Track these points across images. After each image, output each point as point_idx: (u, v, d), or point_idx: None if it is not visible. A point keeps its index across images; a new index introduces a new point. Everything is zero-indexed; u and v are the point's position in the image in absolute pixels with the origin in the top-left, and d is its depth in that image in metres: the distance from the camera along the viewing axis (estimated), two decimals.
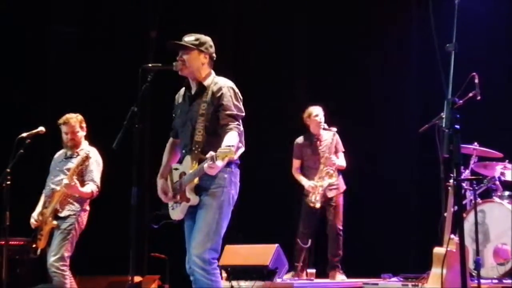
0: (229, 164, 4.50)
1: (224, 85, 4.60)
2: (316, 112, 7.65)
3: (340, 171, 7.69)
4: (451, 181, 5.73)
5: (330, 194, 7.56)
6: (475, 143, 6.83)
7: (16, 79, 8.72)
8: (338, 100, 8.46)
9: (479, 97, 6.22)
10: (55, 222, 6.20)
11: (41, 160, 6.69)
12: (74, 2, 9.21)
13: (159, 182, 4.77)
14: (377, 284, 6.82)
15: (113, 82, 8.61)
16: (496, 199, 6.82)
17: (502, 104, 7.80)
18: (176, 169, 4.72)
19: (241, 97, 4.63)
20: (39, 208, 6.38)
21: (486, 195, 6.96)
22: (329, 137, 7.66)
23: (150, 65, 4.67)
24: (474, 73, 6.12)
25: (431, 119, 6.33)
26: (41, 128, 6.48)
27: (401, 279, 6.85)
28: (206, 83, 4.63)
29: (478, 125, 6.86)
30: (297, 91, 9.25)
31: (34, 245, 6.30)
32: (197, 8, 9.13)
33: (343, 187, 7.69)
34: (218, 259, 6.85)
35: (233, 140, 4.37)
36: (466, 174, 6.74)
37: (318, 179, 7.53)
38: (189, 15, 9.02)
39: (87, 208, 6.38)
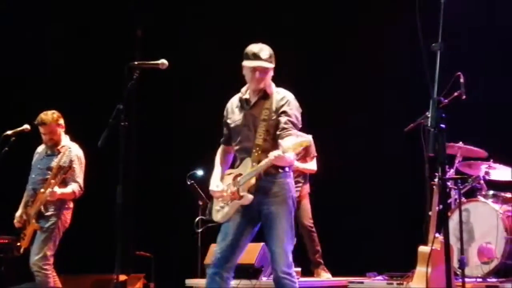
0: (286, 168, 4.61)
1: (287, 95, 4.73)
2: None
3: (311, 175, 7.65)
4: (436, 180, 5.76)
5: None
6: (460, 142, 6.86)
7: None
8: (323, 100, 8.48)
9: (464, 97, 6.24)
10: (37, 224, 6.17)
11: (26, 158, 6.65)
12: (61, 0, 9.17)
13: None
14: (362, 282, 6.84)
15: (99, 80, 8.58)
16: (481, 198, 6.85)
17: (488, 103, 7.85)
18: (230, 173, 4.76)
19: (301, 110, 4.74)
20: (21, 207, 6.35)
21: (471, 194, 6.99)
22: None
23: (136, 63, 4.68)
24: (459, 73, 6.14)
25: (416, 118, 6.35)
26: (26, 126, 6.44)
27: (386, 277, 6.87)
28: (269, 91, 4.73)
29: (463, 125, 6.89)
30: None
31: (18, 244, 6.27)
32: (184, 6, 9.12)
33: (307, 190, 7.60)
34: (203, 258, 6.93)
35: (294, 138, 4.43)
36: (451, 173, 6.76)
37: None
38: (175, 13, 9.01)
39: (71, 205, 6.35)
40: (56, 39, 9.07)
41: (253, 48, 4.73)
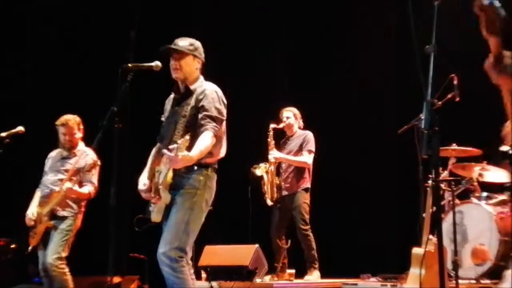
0: (206, 167, 4.54)
1: (208, 88, 4.65)
2: (284, 114, 7.65)
3: (302, 169, 7.60)
4: (430, 182, 5.77)
5: (283, 192, 7.54)
6: (454, 144, 6.87)
7: None
8: (317, 101, 8.47)
9: (458, 99, 6.25)
10: (51, 222, 6.20)
11: (20, 161, 6.64)
12: (53, 1, 9.15)
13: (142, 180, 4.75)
14: (356, 284, 6.85)
15: (92, 81, 8.56)
16: (474, 200, 6.86)
17: (480, 105, 7.85)
18: (158, 171, 4.71)
19: (225, 101, 4.66)
20: (34, 206, 6.36)
21: (464, 196, 7.00)
22: (299, 136, 7.63)
23: (130, 65, 4.67)
24: (453, 75, 6.15)
25: (410, 120, 6.37)
26: (21, 128, 6.44)
27: (380, 279, 6.88)
28: (193, 87, 4.68)
29: (457, 126, 6.90)
30: (276, 92, 9.26)
31: (27, 242, 6.29)
32: (178, 7, 9.11)
33: (300, 185, 7.53)
34: (197, 260, 6.92)
35: (204, 143, 4.39)
36: (444, 175, 6.77)
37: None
38: (169, 14, 9.00)
39: (83, 209, 6.42)
40: (48, 40, 9.05)
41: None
